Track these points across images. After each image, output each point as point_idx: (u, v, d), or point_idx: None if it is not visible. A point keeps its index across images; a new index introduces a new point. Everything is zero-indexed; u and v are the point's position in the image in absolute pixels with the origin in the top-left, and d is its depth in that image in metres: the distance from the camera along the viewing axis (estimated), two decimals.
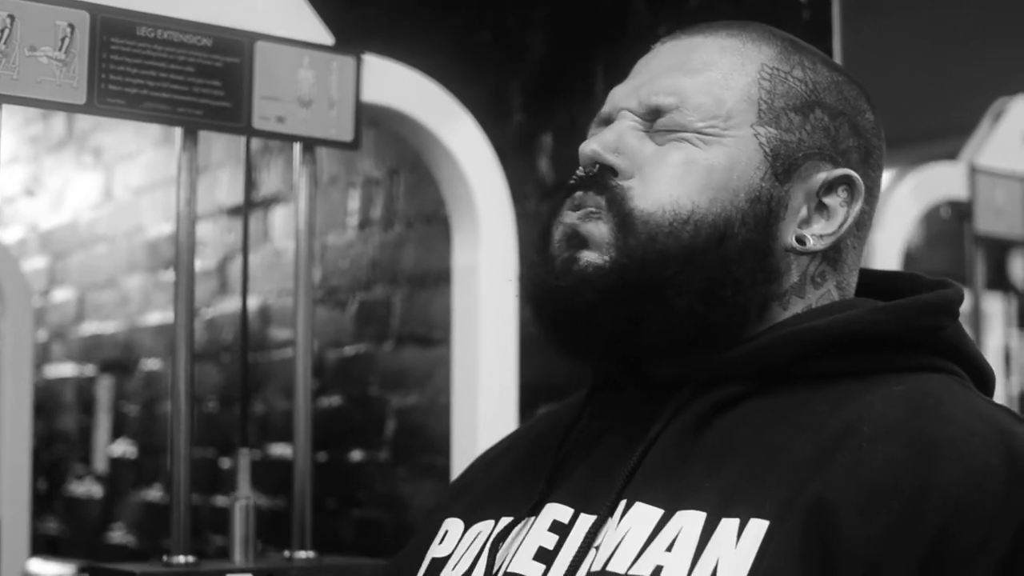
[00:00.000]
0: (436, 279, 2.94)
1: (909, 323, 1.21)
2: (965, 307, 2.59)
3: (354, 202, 3.23)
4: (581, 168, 1.26)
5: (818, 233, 1.25)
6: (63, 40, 1.66)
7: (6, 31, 1.62)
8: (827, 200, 1.25)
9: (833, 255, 1.27)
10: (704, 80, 1.25)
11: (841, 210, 1.26)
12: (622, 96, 1.29)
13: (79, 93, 1.68)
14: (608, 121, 1.29)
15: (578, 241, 1.23)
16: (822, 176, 1.25)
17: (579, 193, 1.24)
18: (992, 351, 2.78)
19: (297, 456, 1.90)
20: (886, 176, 2.45)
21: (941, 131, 2.89)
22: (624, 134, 1.25)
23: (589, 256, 1.21)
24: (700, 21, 1.32)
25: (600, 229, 1.21)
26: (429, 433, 2.94)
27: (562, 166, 2.69)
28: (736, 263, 1.20)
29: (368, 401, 3.14)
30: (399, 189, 3.11)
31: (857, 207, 1.26)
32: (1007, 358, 2.90)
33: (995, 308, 2.89)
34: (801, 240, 1.24)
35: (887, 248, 2.31)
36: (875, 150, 1.30)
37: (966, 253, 2.59)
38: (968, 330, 2.53)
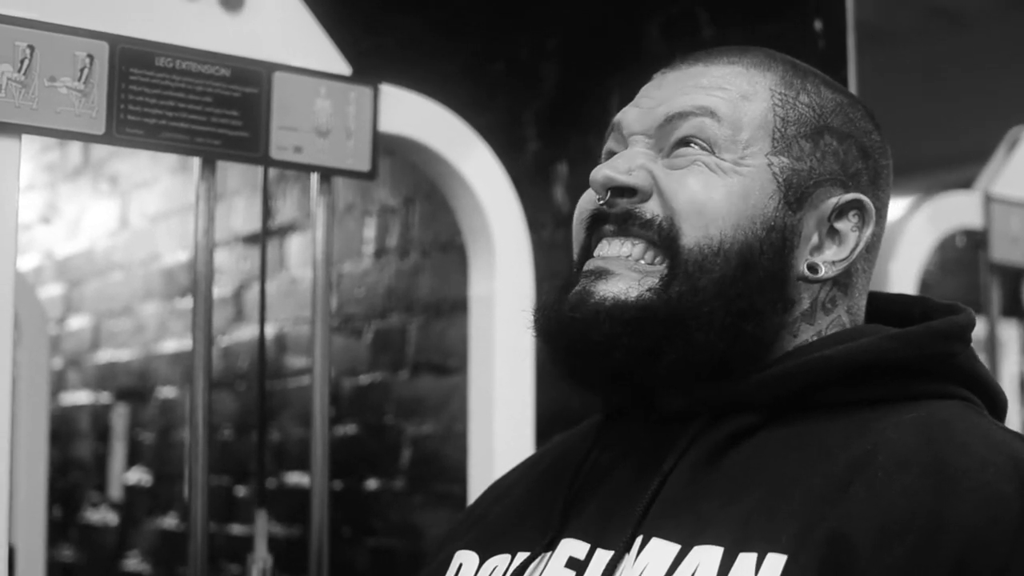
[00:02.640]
0: (452, 307, 2.94)
1: (921, 351, 1.20)
2: (981, 335, 2.59)
3: (370, 230, 3.24)
4: (597, 197, 1.24)
5: (830, 259, 1.24)
6: (82, 70, 1.67)
7: (26, 61, 1.63)
8: (838, 225, 1.24)
9: (844, 280, 1.26)
10: (723, 96, 1.24)
11: (852, 235, 1.25)
12: (632, 119, 1.27)
13: (98, 123, 1.68)
14: (617, 144, 1.28)
15: (595, 275, 1.22)
16: (833, 201, 1.24)
17: (608, 226, 1.24)
18: (1008, 378, 2.77)
19: (314, 485, 1.90)
20: (902, 205, 2.46)
21: (956, 159, 2.89)
22: (635, 158, 1.24)
23: (608, 289, 1.20)
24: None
25: (641, 269, 1.21)
26: (445, 461, 2.94)
27: (578, 194, 2.69)
28: (759, 294, 1.19)
29: (384, 429, 3.14)
30: (415, 218, 3.12)
31: (868, 231, 1.25)
32: (1023, 385, 2.90)
33: (1011, 335, 2.89)
34: (813, 268, 1.23)
35: (902, 276, 2.31)
36: (883, 170, 1.29)
37: (981, 281, 2.59)
38: (984, 358, 2.53)
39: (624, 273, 1.21)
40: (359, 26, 2.89)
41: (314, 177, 1.91)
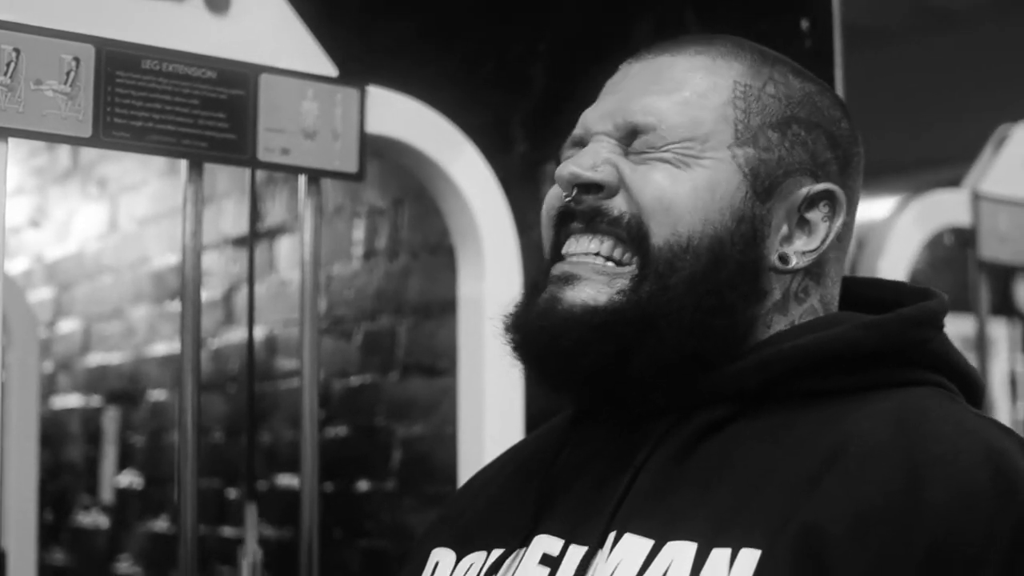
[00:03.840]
0: (441, 309, 2.94)
1: (893, 338, 1.19)
2: (970, 333, 2.60)
3: (359, 232, 3.24)
4: (563, 194, 1.23)
5: (800, 250, 1.23)
6: (68, 73, 1.67)
7: (11, 64, 1.63)
8: (808, 215, 1.24)
9: (816, 270, 1.25)
10: (679, 99, 1.22)
11: (823, 225, 1.24)
12: (595, 119, 1.26)
13: (84, 126, 1.68)
14: (581, 144, 1.26)
15: (563, 281, 1.21)
16: (803, 192, 1.23)
17: (576, 223, 1.23)
18: (998, 376, 2.78)
19: (304, 487, 1.90)
20: (890, 203, 2.46)
21: (944, 158, 2.89)
22: (600, 153, 1.23)
23: (576, 295, 1.20)
24: None
25: (610, 271, 1.20)
26: (435, 463, 2.94)
27: None
28: (729, 288, 1.19)
29: (374, 431, 3.14)
30: (404, 219, 3.11)
31: (839, 221, 1.24)
32: (1013, 383, 2.90)
33: (1000, 334, 2.89)
34: (784, 258, 1.22)
35: (891, 274, 2.31)
36: (853, 159, 1.28)
37: (970, 279, 2.59)
38: (974, 356, 2.53)
39: (592, 277, 1.20)
40: (345, 27, 2.89)
41: (301, 179, 1.91)
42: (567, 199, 1.23)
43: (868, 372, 1.19)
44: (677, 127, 1.21)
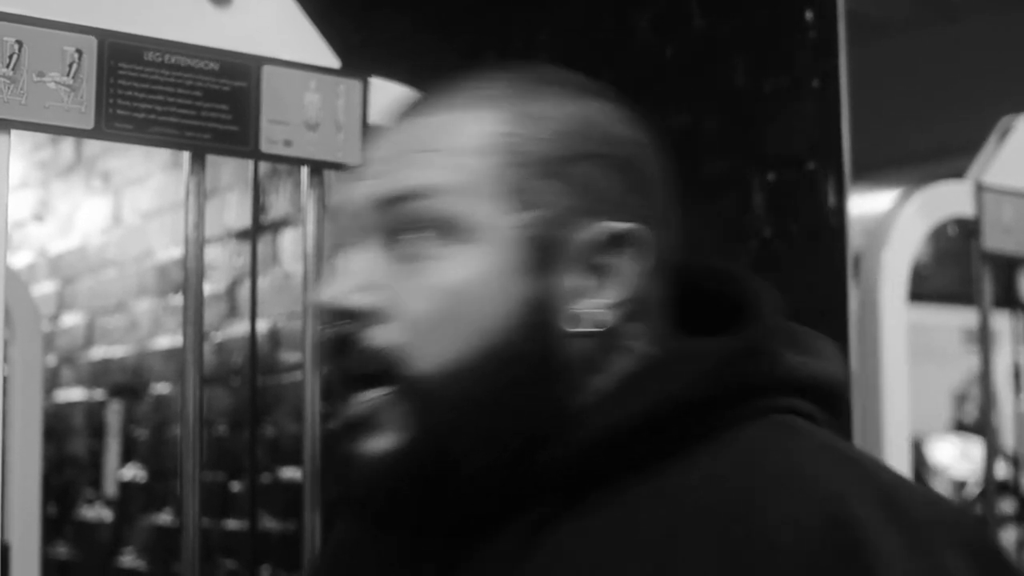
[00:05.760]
0: None
1: (721, 385, 1.05)
2: (973, 326, 2.58)
3: None
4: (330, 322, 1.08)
5: (606, 303, 1.07)
6: (71, 65, 1.67)
7: (14, 57, 1.62)
8: (610, 261, 1.07)
9: (637, 309, 1.08)
10: (442, 164, 1.06)
11: (630, 265, 1.07)
12: (352, 213, 1.10)
13: (87, 118, 1.68)
14: (344, 243, 1.11)
15: (356, 427, 1.07)
16: (598, 238, 1.07)
17: (344, 360, 1.08)
18: (1001, 370, 2.77)
19: (306, 480, 1.90)
20: (893, 194, 2.45)
21: (947, 149, 2.89)
22: (362, 270, 1.07)
23: (374, 445, 1.06)
24: (705, 44, 1.30)
25: (385, 410, 1.05)
26: None
27: None
28: (514, 387, 1.04)
29: None
30: None
31: (648, 254, 1.08)
32: (1016, 376, 2.89)
33: (1003, 326, 2.88)
34: (585, 320, 1.05)
35: (894, 267, 2.31)
36: (648, 172, 1.12)
37: (974, 271, 2.58)
38: (977, 349, 2.51)
39: (380, 418, 1.05)
40: (348, 19, 2.89)
41: (304, 171, 1.91)
42: (331, 327, 1.08)
43: (698, 423, 1.04)
44: (438, 206, 1.05)
